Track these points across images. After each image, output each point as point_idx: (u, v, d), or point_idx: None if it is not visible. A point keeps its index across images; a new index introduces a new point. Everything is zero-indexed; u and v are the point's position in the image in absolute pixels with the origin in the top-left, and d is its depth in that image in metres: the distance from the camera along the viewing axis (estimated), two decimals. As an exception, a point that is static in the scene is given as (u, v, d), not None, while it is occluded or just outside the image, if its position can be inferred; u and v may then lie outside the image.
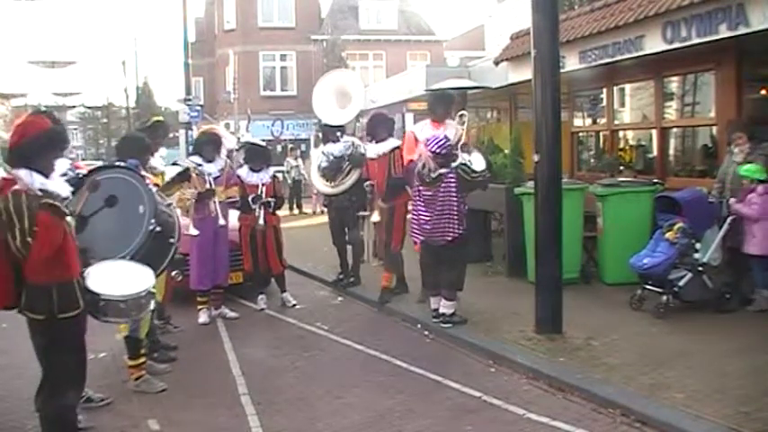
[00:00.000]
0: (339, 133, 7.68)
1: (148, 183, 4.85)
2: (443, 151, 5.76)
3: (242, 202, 7.05)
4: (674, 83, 9.00)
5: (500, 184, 7.80)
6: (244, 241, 7.19)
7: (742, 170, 6.13)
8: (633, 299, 6.31)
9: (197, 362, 5.59)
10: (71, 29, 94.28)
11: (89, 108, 53.28)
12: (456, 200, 5.82)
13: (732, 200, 6.24)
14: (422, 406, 4.48)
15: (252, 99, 25.27)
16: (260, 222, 7.02)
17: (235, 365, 5.46)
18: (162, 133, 6.46)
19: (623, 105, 10.12)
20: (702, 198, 6.48)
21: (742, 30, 6.53)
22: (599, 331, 5.63)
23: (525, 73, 7.97)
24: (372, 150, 7.23)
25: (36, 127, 3.69)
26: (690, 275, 6.03)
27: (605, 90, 9.94)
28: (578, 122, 11.08)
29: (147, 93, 46.79)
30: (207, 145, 6.83)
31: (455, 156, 5.79)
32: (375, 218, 7.30)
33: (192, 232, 6.46)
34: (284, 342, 6.15)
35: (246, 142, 8.06)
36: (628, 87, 9.88)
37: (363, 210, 7.80)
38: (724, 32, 6.74)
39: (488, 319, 6.19)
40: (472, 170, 5.75)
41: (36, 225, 3.46)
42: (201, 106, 20.43)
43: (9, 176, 3.57)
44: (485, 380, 4.93)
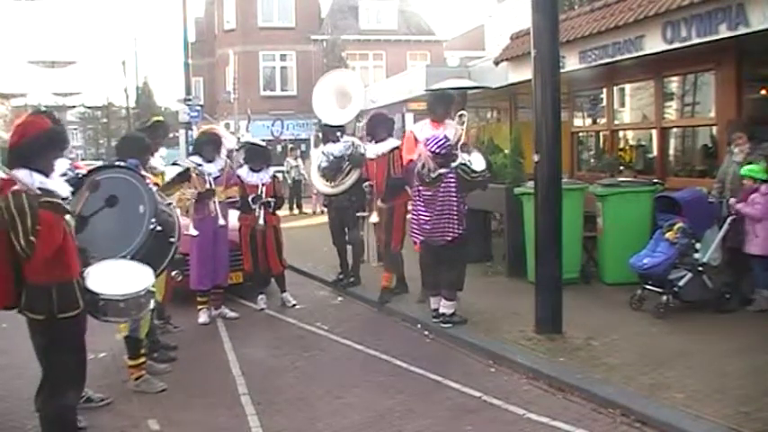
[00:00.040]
0: (339, 133, 7.68)
1: (148, 182, 4.85)
2: (443, 151, 5.76)
3: (242, 202, 7.05)
4: (674, 83, 9.00)
5: (500, 184, 7.80)
6: (244, 241, 7.19)
7: (744, 170, 6.12)
8: (633, 299, 6.32)
9: (197, 362, 5.59)
10: (71, 29, 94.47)
11: (89, 108, 53.32)
12: (456, 200, 5.82)
13: (732, 200, 6.24)
14: (422, 406, 4.48)
15: (252, 99, 25.25)
16: (260, 222, 7.02)
17: (235, 365, 5.46)
18: (162, 133, 6.47)
19: (623, 105, 10.12)
20: (702, 198, 6.48)
21: (742, 30, 6.54)
22: (599, 331, 5.63)
23: (525, 73, 7.97)
24: (372, 150, 7.22)
25: (36, 127, 3.69)
26: (690, 275, 6.03)
27: (605, 90, 9.94)
28: (578, 122, 11.08)
29: (147, 93, 46.81)
30: (207, 145, 6.83)
31: (455, 156, 5.79)
32: (374, 218, 7.30)
33: (192, 232, 6.46)
34: (284, 342, 6.15)
35: (246, 142, 8.06)
36: (628, 87, 9.88)
37: (362, 210, 7.81)
38: (724, 32, 6.74)
39: (488, 319, 6.19)
40: (472, 170, 5.75)
41: (38, 224, 3.46)
42: (201, 106, 20.41)
43: (8, 177, 3.57)
44: (485, 380, 4.93)
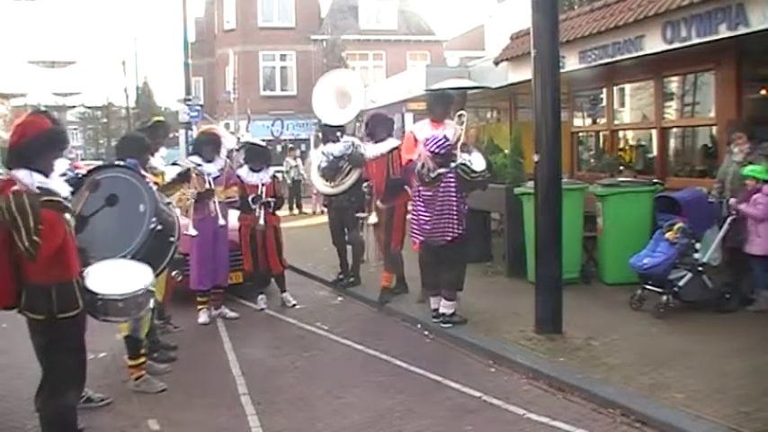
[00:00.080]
0: (339, 133, 7.67)
1: (148, 182, 4.85)
2: (442, 151, 5.76)
3: (242, 202, 7.05)
4: (674, 83, 9.00)
5: (500, 184, 7.80)
6: (244, 241, 7.19)
7: (746, 171, 6.09)
8: (633, 299, 6.31)
9: (197, 362, 5.59)
10: (71, 29, 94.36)
11: (89, 108, 53.32)
12: (455, 200, 5.82)
13: (732, 200, 6.23)
14: (422, 406, 4.48)
15: (252, 99, 25.27)
16: (260, 222, 7.02)
17: (235, 365, 5.46)
18: (162, 133, 6.47)
19: (623, 105, 10.12)
20: (702, 198, 6.48)
21: (742, 30, 6.53)
22: (599, 331, 5.63)
23: (525, 73, 7.96)
24: (371, 151, 7.19)
25: (36, 127, 3.69)
26: (690, 275, 6.03)
27: (605, 90, 9.94)
28: (578, 122, 11.08)
29: (147, 93, 46.80)
30: (206, 145, 6.83)
31: (454, 156, 5.79)
32: (372, 219, 7.29)
33: (191, 232, 6.46)
34: (284, 342, 6.15)
35: (246, 142, 8.06)
36: (628, 87, 9.88)
37: (361, 211, 7.79)
38: (724, 32, 6.74)
39: (488, 319, 6.19)
40: (472, 170, 5.74)
41: (41, 223, 3.46)
42: (201, 106, 20.41)
43: (8, 178, 3.57)
44: (485, 380, 4.93)
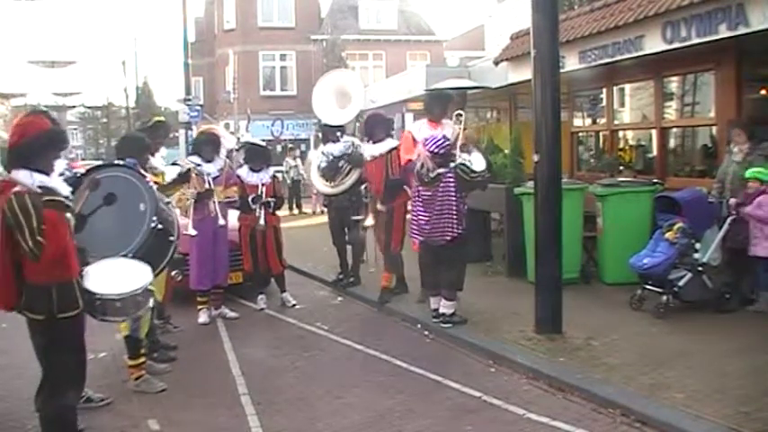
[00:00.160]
0: (339, 133, 7.66)
1: (148, 181, 4.85)
2: (442, 151, 5.76)
3: (242, 203, 7.05)
4: (674, 83, 9.00)
5: (500, 184, 7.79)
6: (244, 241, 7.19)
7: (750, 172, 6.03)
8: (633, 299, 6.31)
9: (197, 362, 5.59)
10: (71, 29, 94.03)
11: (89, 108, 53.28)
12: (455, 200, 5.81)
13: (732, 200, 6.22)
14: (422, 406, 4.48)
15: (252, 99, 25.27)
16: (261, 222, 7.02)
17: (235, 365, 5.46)
18: (163, 133, 6.47)
19: (623, 105, 10.12)
20: (702, 198, 6.48)
21: (742, 30, 6.54)
22: (599, 331, 5.63)
23: (525, 73, 7.96)
24: (369, 151, 7.13)
25: (36, 127, 3.69)
26: (690, 275, 6.03)
27: (605, 90, 9.94)
28: (578, 122, 11.08)
29: (147, 93, 46.78)
30: (206, 145, 6.83)
31: (453, 156, 5.79)
32: (369, 222, 7.27)
33: (191, 232, 6.46)
34: (284, 342, 6.15)
35: (246, 142, 8.05)
36: (628, 87, 9.88)
37: (358, 214, 7.75)
38: (724, 32, 6.74)
39: (488, 319, 6.19)
40: (471, 170, 5.73)
41: (44, 223, 3.45)
42: (201, 106, 20.40)
43: (8, 178, 3.56)
44: (485, 380, 4.93)
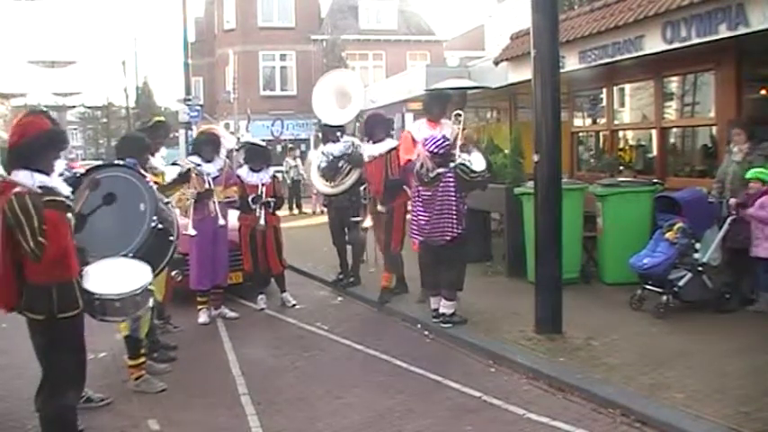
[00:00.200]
0: (339, 133, 7.66)
1: (148, 181, 4.85)
2: (441, 151, 5.76)
3: (242, 203, 7.05)
4: (674, 83, 9.00)
5: (500, 184, 7.79)
6: (243, 241, 7.19)
7: (751, 173, 6.01)
8: (633, 299, 6.31)
9: (197, 362, 5.59)
10: (71, 29, 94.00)
11: (89, 108, 53.27)
12: (455, 199, 5.81)
13: (732, 200, 6.22)
14: (422, 406, 4.48)
15: (252, 99, 25.25)
16: (261, 223, 7.02)
17: (235, 365, 5.46)
18: (163, 133, 6.47)
19: (623, 105, 10.12)
20: (702, 198, 6.48)
21: (742, 30, 6.53)
22: (599, 331, 5.63)
23: (525, 73, 7.96)
24: (368, 151, 7.11)
25: (36, 127, 3.69)
26: (690, 275, 6.03)
27: (605, 90, 9.94)
28: (578, 122, 11.08)
29: (147, 93, 46.78)
30: (205, 145, 6.83)
31: (453, 156, 5.79)
32: (367, 223, 7.26)
33: (191, 232, 6.46)
34: (284, 342, 6.15)
35: (246, 142, 8.05)
36: (628, 87, 9.88)
37: (357, 215, 7.75)
38: (724, 32, 6.74)
39: (488, 319, 6.19)
40: (471, 170, 5.74)
41: (45, 224, 3.45)
42: (201, 106, 20.40)
43: (8, 179, 3.56)
44: (485, 380, 4.93)
